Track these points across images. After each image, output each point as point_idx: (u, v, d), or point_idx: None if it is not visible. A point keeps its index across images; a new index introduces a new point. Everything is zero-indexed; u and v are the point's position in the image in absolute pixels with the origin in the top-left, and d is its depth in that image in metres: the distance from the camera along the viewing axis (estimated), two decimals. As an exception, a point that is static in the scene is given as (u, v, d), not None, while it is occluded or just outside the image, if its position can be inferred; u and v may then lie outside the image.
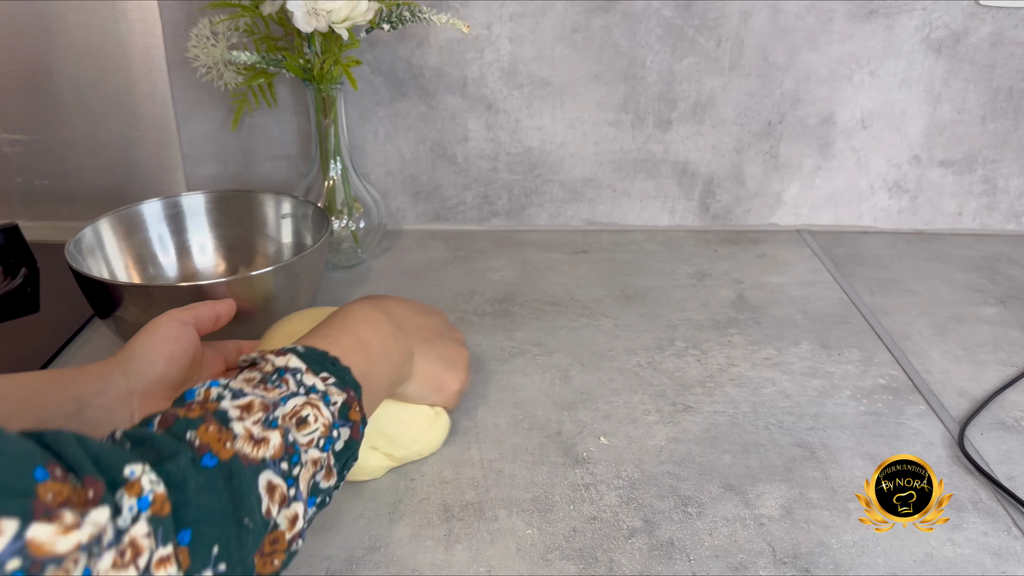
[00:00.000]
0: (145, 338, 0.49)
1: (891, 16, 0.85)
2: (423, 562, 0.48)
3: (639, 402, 0.64)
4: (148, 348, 0.49)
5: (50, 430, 0.29)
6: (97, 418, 0.44)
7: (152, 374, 0.48)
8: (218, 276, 0.78)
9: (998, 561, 0.49)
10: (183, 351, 0.50)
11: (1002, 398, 0.65)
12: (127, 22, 0.85)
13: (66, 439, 0.29)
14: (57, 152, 0.91)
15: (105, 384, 0.45)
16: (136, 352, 0.48)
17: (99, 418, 0.44)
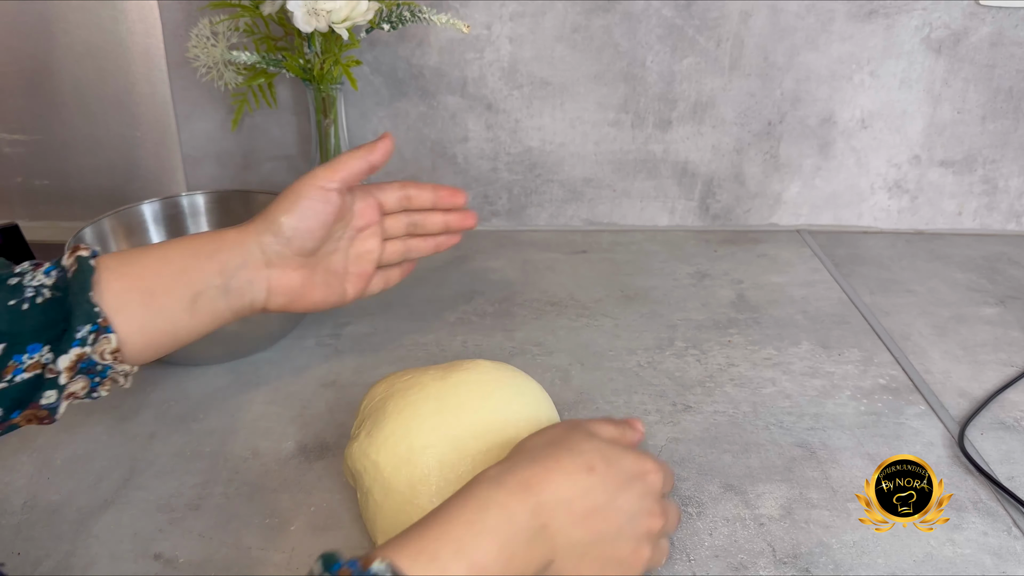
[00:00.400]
0: (281, 211, 0.49)
1: (891, 16, 0.85)
2: (423, 562, 0.48)
3: (639, 402, 0.64)
4: (287, 219, 0.49)
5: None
6: (241, 288, 0.47)
7: (287, 247, 0.49)
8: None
9: (998, 561, 0.49)
10: (321, 222, 0.50)
11: (1002, 398, 0.65)
12: (127, 22, 0.85)
13: None
14: (57, 152, 0.91)
15: (244, 257, 0.48)
16: (272, 226, 0.49)
17: (242, 288, 0.47)
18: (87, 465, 0.56)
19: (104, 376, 0.44)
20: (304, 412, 0.62)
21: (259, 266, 0.48)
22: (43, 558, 0.48)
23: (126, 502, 0.53)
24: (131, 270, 0.45)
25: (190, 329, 0.47)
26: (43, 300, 0.42)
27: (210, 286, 0.46)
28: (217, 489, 0.54)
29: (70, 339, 0.42)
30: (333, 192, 0.50)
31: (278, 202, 0.50)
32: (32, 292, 0.42)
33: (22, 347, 0.41)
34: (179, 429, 0.60)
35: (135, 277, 0.45)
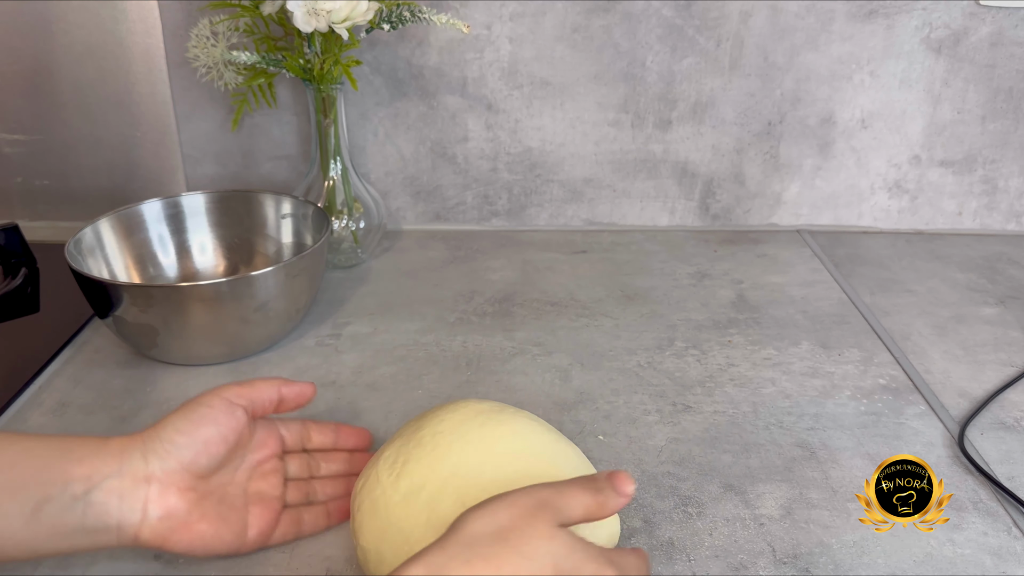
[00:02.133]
0: (179, 417, 0.43)
1: (891, 16, 0.85)
2: (423, 562, 0.48)
3: (639, 402, 0.64)
4: (178, 429, 0.43)
5: None
6: (106, 502, 0.40)
7: (176, 460, 0.42)
8: (218, 276, 0.78)
9: (998, 561, 0.49)
10: (221, 437, 0.44)
11: (1002, 398, 0.65)
12: (127, 22, 0.85)
13: None
14: (57, 152, 0.91)
15: (121, 465, 0.40)
16: (164, 432, 0.43)
17: (108, 502, 0.40)
18: (87, 465, 0.56)
19: None
20: (304, 412, 0.62)
21: (136, 480, 0.41)
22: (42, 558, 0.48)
23: (126, 502, 0.53)
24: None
25: (24, 541, 0.38)
26: None
27: (65, 493, 0.38)
28: (217, 489, 0.54)
29: None
30: (239, 408, 0.45)
31: (176, 410, 0.44)
32: None
33: None
34: (179, 429, 0.60)
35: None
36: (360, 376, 0.66)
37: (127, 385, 0.65)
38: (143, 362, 0.68)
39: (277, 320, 0.68)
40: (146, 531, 0.41)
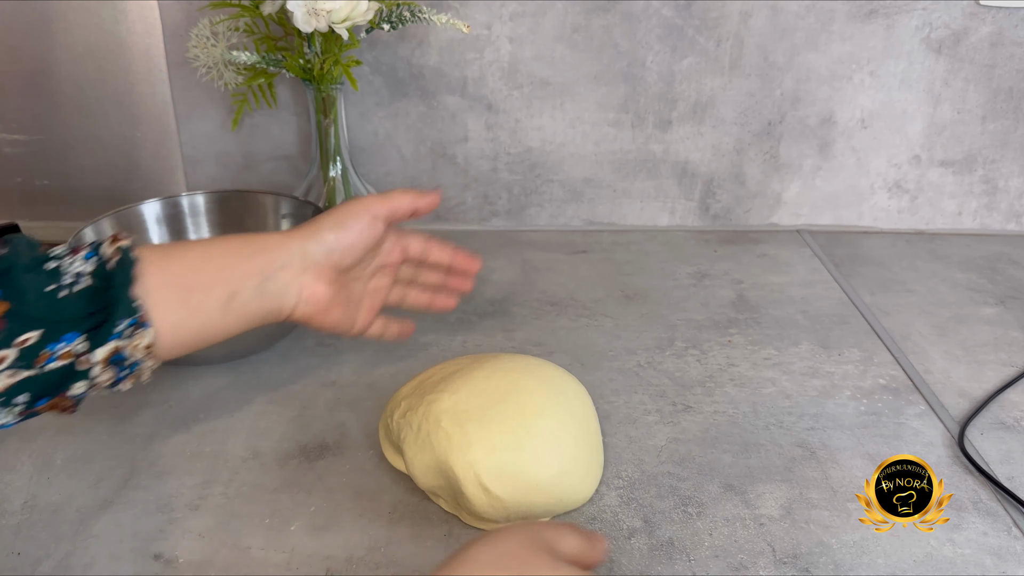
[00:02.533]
0: (331, 224, 0.51)
1: (891, 16, 0.85)
2: (423, 562, 0.48)
3: (639, 402, 0.64)
4: (332, 234, 0.50)
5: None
6: (275, 290, 0.48)
7: (327, 259, 0.50)
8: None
9: (998, 561, 0.49)
10: (363, 244, 0.52)
11: (1002, 398, 0.65)
12: (127, 22, 0.85)
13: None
14: (57, 152, 0.91)
15: (284, 259, 0.48)
16: (318, 233, 0.50)
17: (277, 290, 0.48)
18: (87, 465, 0.56)
19: (132, 371, 0.44)
20: (304, 412, 0.62)
21: (296, 271, 0.49)
22: (43, 558, 0.48)
23: (126, 502, 0.53)
24: (171, 265, 0.45)
25: (220, 329, 0.47)
26: (81, 288, 0.42)
27: (247, 286, 0.47)
28: (217, 489, 0.54)
29: (108, 332, 0.41)
30: (380, 220, 0.52)
31: (327, 215, 0.51)
32: (71, 279, 0.42)
33: (57, 335, 0.41)
34: (179, 429, 0.60)
35: (175, 272, 0.45)
36: (360, 376, 0.66)
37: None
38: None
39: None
40: (298, 312, 0.50)
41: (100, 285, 0.42)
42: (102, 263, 0.43)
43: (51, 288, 0.41)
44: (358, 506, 0.52)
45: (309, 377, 0.66)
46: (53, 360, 0.41)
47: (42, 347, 0.40)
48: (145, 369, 0.44)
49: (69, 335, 0.41)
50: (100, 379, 0.42)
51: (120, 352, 0.42)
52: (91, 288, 0.42)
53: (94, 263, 0.43)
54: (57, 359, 0.41)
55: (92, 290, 0.42)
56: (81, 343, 0.41)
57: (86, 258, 0.43)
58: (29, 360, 0.40)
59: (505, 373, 0.53)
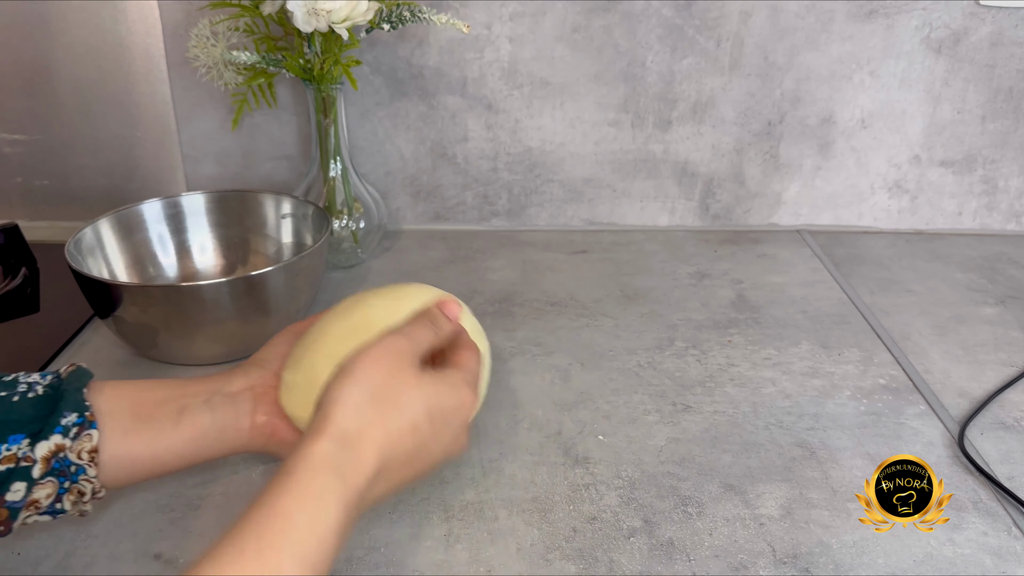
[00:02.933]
0: (266, 349, 0.53)
1: (891, 16, 0.85)
2: (423, 562, 0.48)
3: (639, 402, 0.64)
4: (267, 354, 0.52)
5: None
6: (223, 402, 0.48)
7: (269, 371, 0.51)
8: (218, 276, 0.78)
9: (998, 561, 0.49)
10: None
11: (1002, 398, 0.65)
12: (127, 22, 0.85)
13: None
14: (57, 152, 0.91)
15: (229, 380, 0.49)
16: (257, 358, 0.52)
17: (224, 402, 0.48)
18: (87, 465, 0.56)
19: (74, 481, 0.42)
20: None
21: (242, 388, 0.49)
22: (43, 558, 0.48)
23: (126, 502, 0.53)
24: (125, 384, 0.47)
25: (171, 443, 0.46)
26: (34, 396, 0.43)
27: (196, 401, 0.47)
28: (217, 489, 0.54)
29: (53, 425, 0.42)
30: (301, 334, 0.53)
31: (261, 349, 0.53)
32: (24, 387, 0.43)
33: (2, 436, 0.41)
34: (179, 429, 0.60)
35: (129, 388, 0.47)
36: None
37: (127, 385, 0.65)
38: (143, 362, 0.68)
39: (277, 320, 0.68)
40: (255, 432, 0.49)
41: (51, 392, 0.43)
42: (57, 378, 0.44)
43: (3, 394, 0.42)
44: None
45: (309, 377, 0.66)
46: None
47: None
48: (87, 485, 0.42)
49: (14, 437, 0.41)
50: (38, 493, 0.41)
51: (64, 456, 0.42)
52: (42, 396, 0.43)
53: (50, 378, 0.44)
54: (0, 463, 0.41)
55: (43, 397, 0.43)
56: (25, 446, 0.41)
57: (43, 376, 0.44)
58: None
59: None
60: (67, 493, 0.42)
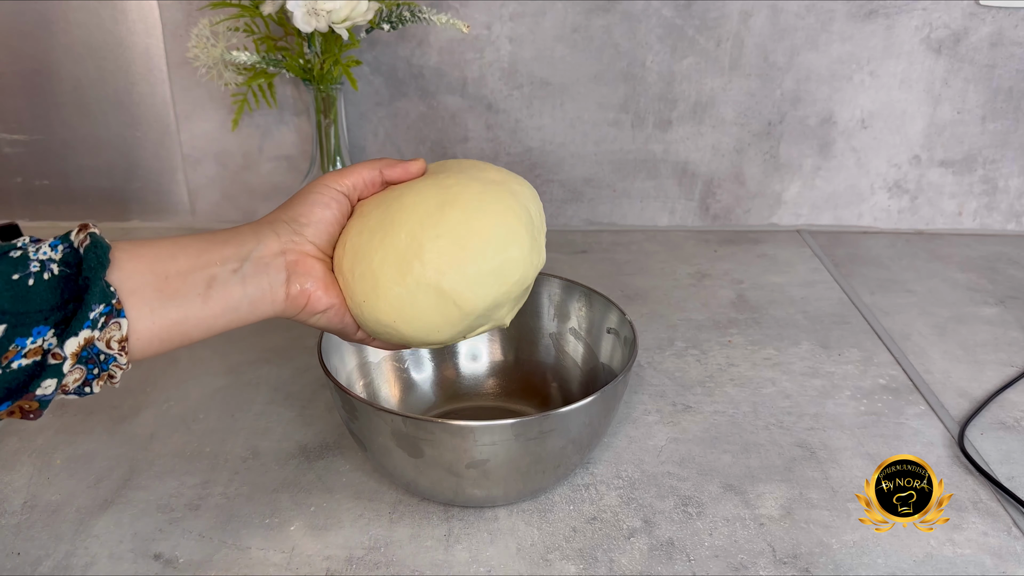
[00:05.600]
0: (297, 203, 0.49)
1: (891, 16, 0.85)
2: (423, 562, 0.48)
3: (639, 402, 0.64)
4: (298, 212, 0.48)
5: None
6: (257, 272, 0.45)
7: (302, 236, 0.48)
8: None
9: (998, 561, 0.49)
10: (333, 218, 0.49)
11: (1002, 398, 0.65)
12: (127, 22, 0.85)
13: None
14: (57, 152, 0.91)
15: (259, 242, 0.46)
16: (287, 214, 0.48)
17: (258, 271, 0.45)
18: (87, 465, 0.56)
19: (104, 369, 0.40)
20: (304, 412, 0.62)
21: (275, 251, 0.46)
22: (43, 558, 0.48)
23: (126, 502, 0.53)
24: (145, 251, 0.42)
25: (201, 320, 0.43)
26: (50, 276, 0.38)
27: (225, 269, 0.44)
28: (217, 489, 0.54)
29: (82, 319, 0.38)
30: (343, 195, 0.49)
31: (294, 196, 0.49)
32: (37, 266, 0.38)
33: (27, 329, 0.37)
34: (179, 429, 0.60)
35: (150, 258, 0.42)
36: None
37: (127, 385, 0.65)
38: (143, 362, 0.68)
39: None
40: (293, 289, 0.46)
41: (69, 272, 0.39)
42: (71, 249, 0.40)
43: (17, 277, 0.37)
44: (358, 506, 0.52)
45: (309, 377, 0.66)
46: (19, 357, 0.38)
47: (8, 343, 0.37)
48: (116, 369, 0.41)
49: (39, 328, 0.38)
50: (68, 378, 0.39)
51: (93, 345, 0.39)
52: (60, 276, 0.39)
53: (62, 250, 0.39)
54: (24, 356, 0.38)
55: (62, 278, 0.39)
56: (51, 337, 0.38)
57: (52, 246, 0.39)
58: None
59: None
60: (96, 379, 0.41)
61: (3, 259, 0.38)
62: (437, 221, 0.45)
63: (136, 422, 0.61)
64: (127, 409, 0.62)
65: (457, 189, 0.47)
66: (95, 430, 0.60)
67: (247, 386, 0.65)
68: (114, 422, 0.61)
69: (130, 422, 0.61)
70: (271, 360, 0.69)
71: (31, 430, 0.59)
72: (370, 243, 0.46)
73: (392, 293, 0.45)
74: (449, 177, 0.48)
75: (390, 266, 0.45)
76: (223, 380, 0.66)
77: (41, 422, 0.60)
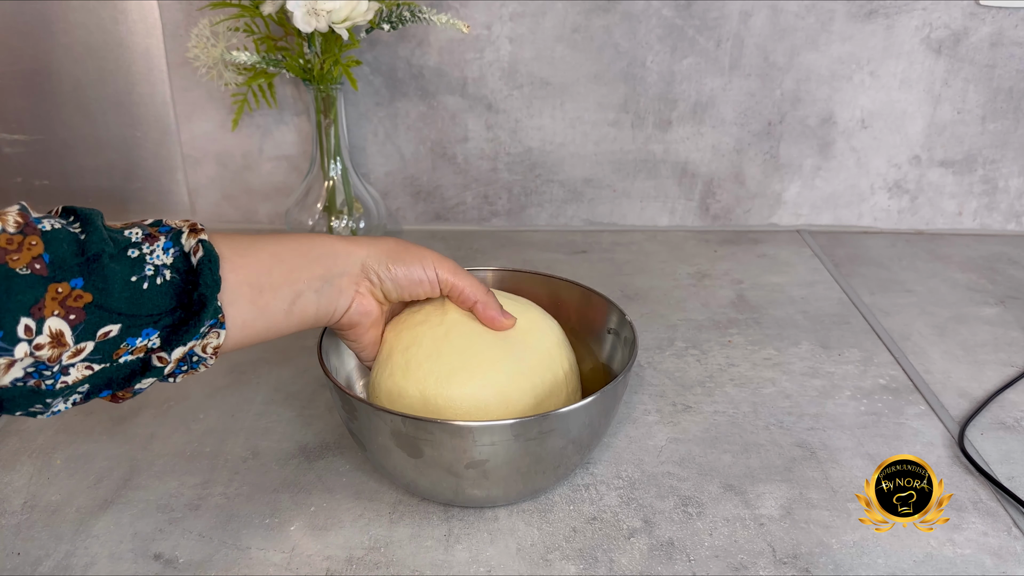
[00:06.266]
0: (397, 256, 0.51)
1: (891, 16, 0.85)
2: (423, 562, 0.48)
3: (639, 402, 0.64)
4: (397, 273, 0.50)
5: None
6: (332, 293, 0.48)
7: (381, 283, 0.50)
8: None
9: (998, 561, 0.49)
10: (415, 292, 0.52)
11: (1002, 398, 0.65)
12: (127, 22, 0.85)
13: None
14: (57, 152, 0.91)
15: (346, 266, 0.49)
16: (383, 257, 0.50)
17: (334, 294, 0.48)
18: (87, 465, 0.56)
19: (193, 367, 0.43)
20: (304, 412, 0.62)
21: (354, 279, 0.49)
22: (43, 558, 0.48)
23: (126, 502, 0.53)
24: (245, 263, 0.44)
25: (280, 329, 0.46)
26: (163, 281, 0.40)
27: (310, 288, 0.46)
28: (217, 489, 0.54)
29: (193, 333, 0.41)
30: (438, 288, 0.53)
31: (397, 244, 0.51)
32: (152, 270, 0.40)
33: (137, 330, 0.39)
34: (179, 429, 0.60)
35: (248, 271, 0.44)
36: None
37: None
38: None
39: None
40: (345, 319, 0.50)
41: (183, 281, 0.41)
42: (181, 254, 0.41)
43: (135, 279, 0.39)
44: (358, 506, 0.52)
45: (309, 377, 0.66)
46: (128, 354, 0.39)
47: (121, 341, 0.39)
48: (202, 368, 0.44)
49: (148, 330, 0.40)
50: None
51: (192, 350, 0.42)
52: (174, 282, 0.40)
53: (173, 255, 0.41)
54: (132, 353, 0.40)
55: (175, 285, 0.40)
56: (155, 339, 0.40)
57: (165, 249, 0.41)
58: (107, 353, 0.39)
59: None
60: (183, 373, 0.43)
61: (122, 258, 0.39)
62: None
63: (136, 422, 0.61)
64: (127, 409, 0.62)
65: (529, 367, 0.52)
66: (95, 430, 0.60)
67: (247, 386, 0.65)
68: (114, 422, 0.61)
69: (130, 422, 0.61)
70: (271, 360, 0.69)
71: (31, 430, 0.59)
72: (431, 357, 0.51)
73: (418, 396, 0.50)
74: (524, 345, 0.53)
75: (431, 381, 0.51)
76: (223, 380, 0.66)
77: (41, 422, 0.61)
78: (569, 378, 0.54)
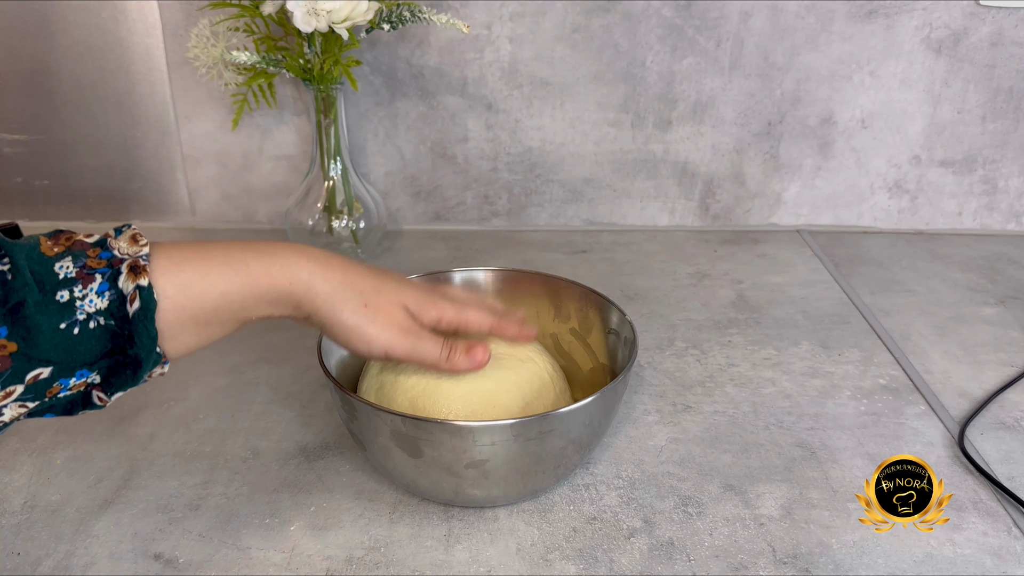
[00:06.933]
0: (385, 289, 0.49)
1: (891, 16, 0.85)
2: (423, 562, 0.48)
3: (639, 402, 0.64)
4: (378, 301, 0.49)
5: None
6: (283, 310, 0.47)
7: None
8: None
9: (998, 561, 0.49)
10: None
11: (1002, 398, 0.65)
12: (127, 22, 0.85)
13: None
14: (57, 152, 0.91)
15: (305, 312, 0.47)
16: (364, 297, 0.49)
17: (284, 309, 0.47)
18: (87, 465, 0.56)
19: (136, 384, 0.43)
20: (304, 412, 0.62)
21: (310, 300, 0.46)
22: (43, 558, 0.48)
23: (126, 502, 0.53)
24: (189, 302, 0.41)
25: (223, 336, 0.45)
26: (96, 326, 0.38)
27: (260, 312, 0.45)
28: (217, 489, 0.54)
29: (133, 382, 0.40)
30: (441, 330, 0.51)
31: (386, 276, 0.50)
32: (84, 316, 0.38)
33: (70, 372, 0.38)
34: (179, 429, 0.60)
35: (194, 311, 0.42)
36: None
37: (127, 385, 0.65)
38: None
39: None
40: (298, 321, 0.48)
41: (119, 327, 0.39)
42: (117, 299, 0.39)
43: (64, 326, 0.37)
44: (358, 506, 0.52)
45: (309, 377, 0.66)
46: (65, 391, 0.39)
47: (53, 381, 0.38)
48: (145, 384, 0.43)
49: (82, 372, 0.39)
50: None
51: None
52: (108, 327, 0.38)
53: (108, 299, 0.38)
54: (70, 390, 0.39)
55: (109, 330, 0.38)
56: (95, 376, 0.39)
57: (99, 292, 0.38)
58: (40, 392, 0.38)
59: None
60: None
61: (49, 305, 0.37)
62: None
63: (136, 422, 0.61)
64: (127, 409, 0.62)
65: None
66: (95, 430, 0.60)
67: (247, 386, 0.65)
68: (114, 422, 0.61)
69: (130, 422, 0.61)
70: (271, 360, 0.69)
71: (31, 430, 0.59)
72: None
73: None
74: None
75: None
76: (223, 380, 0.66)
77: (41, 422, 0.61)
78: (555, 379, 0.55)
